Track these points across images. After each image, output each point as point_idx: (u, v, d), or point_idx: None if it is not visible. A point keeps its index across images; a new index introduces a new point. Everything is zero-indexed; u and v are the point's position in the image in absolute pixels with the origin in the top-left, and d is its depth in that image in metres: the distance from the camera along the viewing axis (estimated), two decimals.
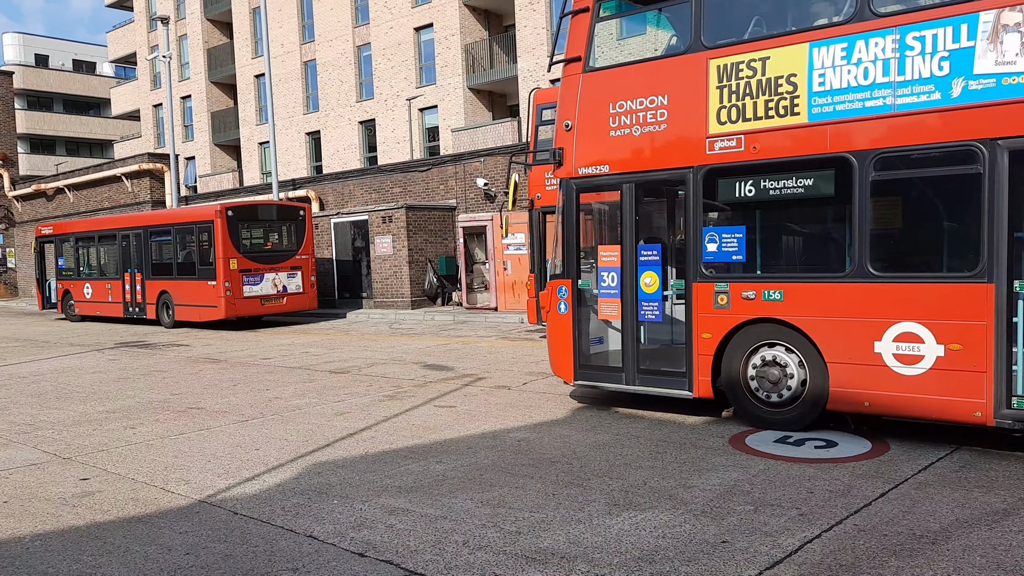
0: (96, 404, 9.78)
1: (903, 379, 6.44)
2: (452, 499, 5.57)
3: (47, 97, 60.55)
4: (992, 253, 6.03)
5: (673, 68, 7.63)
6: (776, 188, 7.04)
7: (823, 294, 6.86)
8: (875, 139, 6.52)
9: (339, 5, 34.88)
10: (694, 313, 7.53)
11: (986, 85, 6.07)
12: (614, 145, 7.92)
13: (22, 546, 4.97)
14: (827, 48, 6.74)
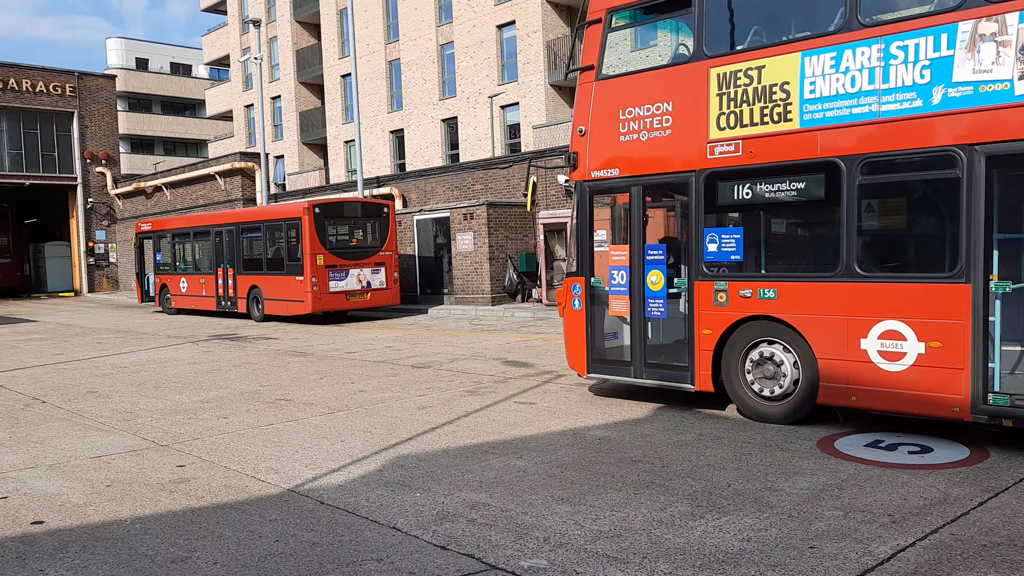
0: (191, 394, 10.18)
1: (887, 375, 6.69)
2: (533, 495, 5.59)
3: (147, 99, 63.27)
4: (969, 254, 6.24)
5: (677, 76, 8.00)
6: (771, 191, 7.37)
7: (813, 293, 7.14)
8: (862, 144, 6.77)
9: (423, 4, 35.33)
10: (696, 310, 7.88)
11: (964, 93, 6.28)
12: (624, 149, 8.26)
13: (123, 528, 5.21)
14: (817, 57, 7.01)
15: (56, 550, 4.84)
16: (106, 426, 8.37)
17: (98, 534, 5.10)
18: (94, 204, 37.50)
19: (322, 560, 4.56)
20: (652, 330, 8.50)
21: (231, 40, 47.55)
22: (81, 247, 37.63)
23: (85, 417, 8.87)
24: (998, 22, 6.09)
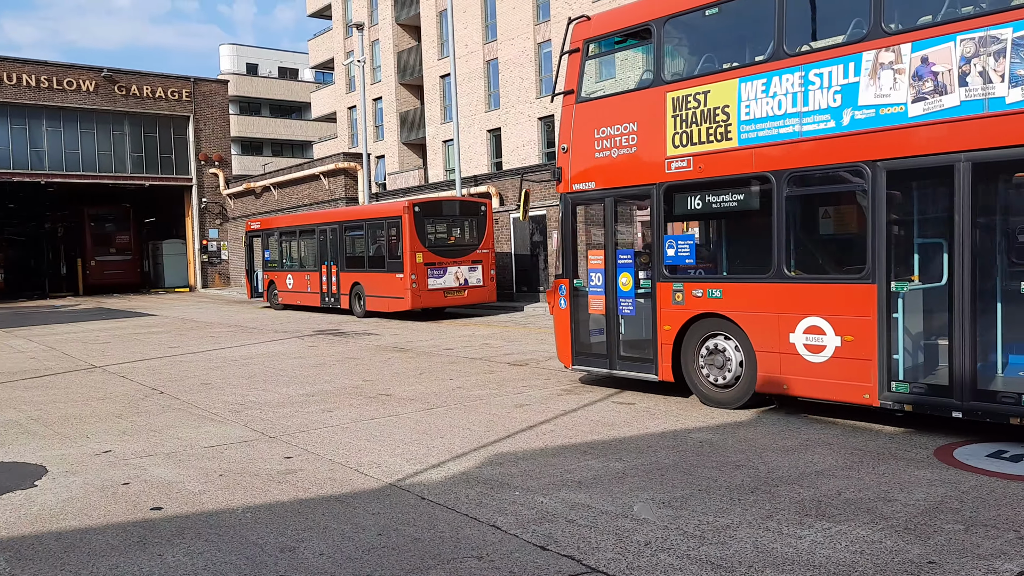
0: (297, 387, 10.51)
1: (811, 365, 7.51)
2: (633, 498, 5.51)
3: (256, 103, 65.79)
4: (874, 258, 7.00)
5: (641, 100, 8.89)
6: (717, 202, 8.28)
7: (751, 292, 8.03)
8: (788, 160, 7.58)
9: (521, 4, 35.45)
10: (658, 308, 8.82)
11: (868, 115, 7.05)
12: (599, 165, 9.25)
13: (235, 516, 5.41)
14: (751, 83, 7.84)
15: (173, 535, 5.07)
16: (219, 417, 8.73)
17: (212, 521, 5.31)
18: (207, 204, 39.24)
19: (423, 555, 4.62)
20: (625, 326, 9.32)
21: (335, 44, 48.91)
22: (195, 245, 39.44)
23: (199, 408, 9.27)
24: (894, 52, 6.87)
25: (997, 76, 6.34)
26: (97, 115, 36.44)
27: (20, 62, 34.60)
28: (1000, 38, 6.32)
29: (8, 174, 34.56)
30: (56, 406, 9.65)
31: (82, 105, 35.63)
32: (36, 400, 10.11)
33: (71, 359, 14.17)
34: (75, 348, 15.85)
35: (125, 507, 5.66)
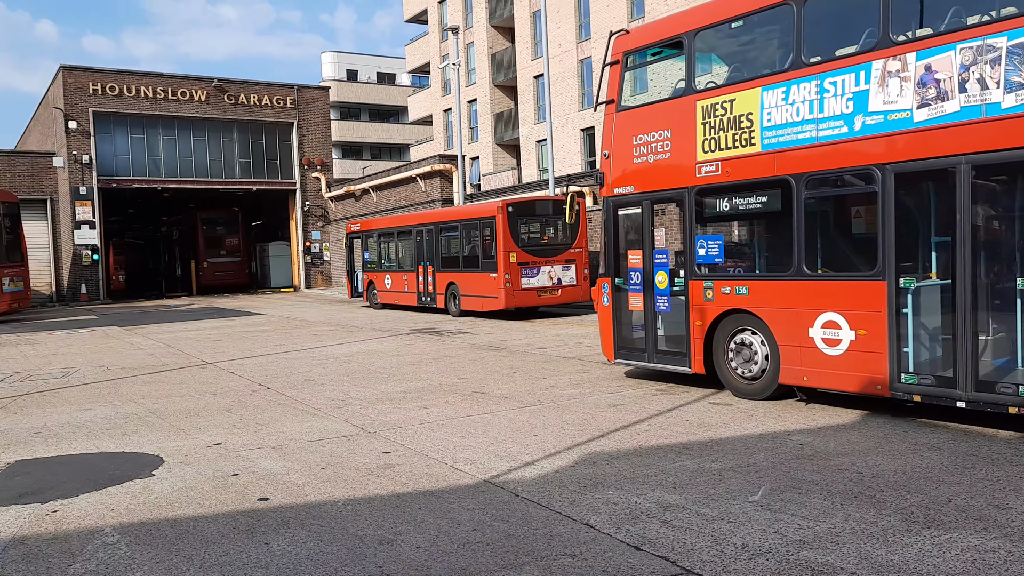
0: (395, 384, 10.76)
1: (829, 358, 7.93)
2: (730, 500, 5.42)
3: (355, 108, 67.58)
4: (885, 256, 7.39)
5: (674, 108, 9.38)
6: (743, 204, 8.78)
7: (774, 290, 8.48)
8: (806, 164, 8.02)
9: (615, 1, 35.22)
10: (691, 305, 9.32)
11: (877, 120, 7.44)
12: (637, 170, 9.79)
13: (336, 509, 5.60)
14: (772, 91, 8.30)
15: (279, 525, 5.28)
16: (321, 412, 9.03)
17: (314, 513, 5.51)
18: (310, 207, 40.57)
19: (517, 552, 4.67)
20: (661, 322, 9.85)
21: (431, 48, 49.73)
22: (299, 246, 40.84)
23: (303, 403, 9.62)
24: (901, 61, 7.23)
25: (993, 83, 6.70)
26: (208, 123, 38.20)
27: (139, 75, 36.61)
28: (996, 47, 6.68)
29: (128, 181, 36.61)
30: (172, 400, 10.18)
31: (194, 114, 37.41)
32: (154, 394, 10.70)
33: (185, 356, 14.91)
34: (189, 345, 16.66)
35: (234, 497, 5.93)
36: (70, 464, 7.18)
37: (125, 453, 7.47)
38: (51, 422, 9.08)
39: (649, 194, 9.75)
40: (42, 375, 13.06)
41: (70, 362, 14.60)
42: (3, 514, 5.72)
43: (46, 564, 4.76)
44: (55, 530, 5.36)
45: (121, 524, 5.43)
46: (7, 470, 7.01)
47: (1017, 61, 6.50)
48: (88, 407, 9.94)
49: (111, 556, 4.85)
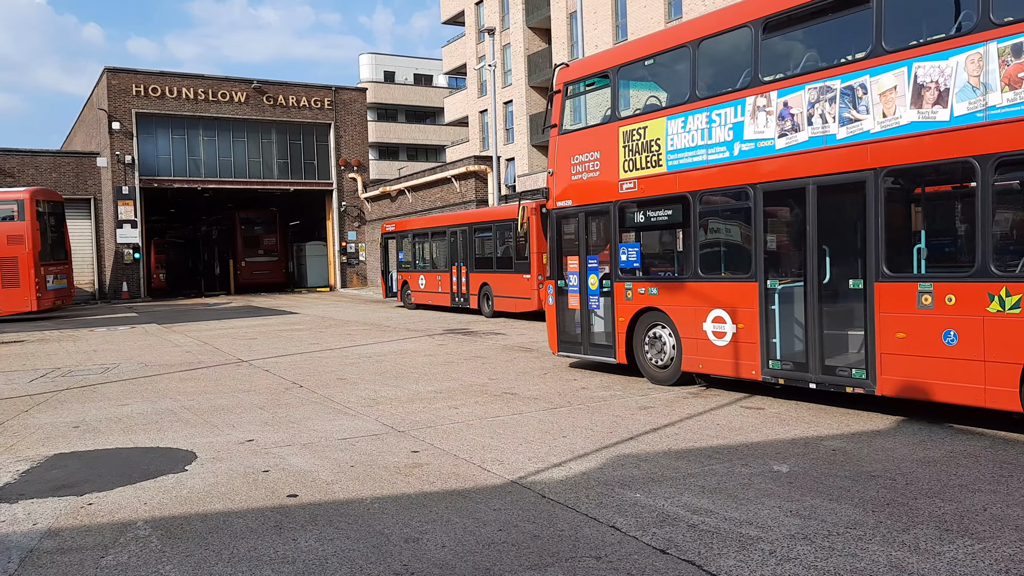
0: (426, 384, 10.80)
1: (717, 348, 9.31)
2: (759, 505, 5.35)
3: (392, 109, 68.06)
4: (756, 261, 8.76)
5: (602, 133, 10.75)
6: (654, 216, 10.11)
7: (677, 290, 9.86)
8: (700, 183, 9.40)
9: (652, 3, 35.02)
10: (615, 304, 10.70)
11: (749, 147, 8.78)
12: (574, 186, 11.23)
13: (363, 507, 5.63)
14: (674, 120, 9.68)
15: (307, 522, 5.33)
16: (352, 411, 9.10)
17: (342, 510, 5.55)
18: (347, 207, 40.92)
19: (542, 553, 4.66)
20: (594, 319, 11.19)
21: (467, 50, 49.90)
22: (335, 246, 41.22)
23: (335, 402, 9.70)
24: (767, 97, 8.60)
25: (831, 117, 8.02)
26: (247, 124, 38.73)
27: (180, 76, 37.24)
28: (832, 88, 8.01)
29: (169, 181, 37.25)
30: (206, 397, 10.34)
31: (234, 115, 37.96)
32: (189, 390, 10.86)
33: (221, 353, 15.12)
34: (225, 343, 16.90)
35: (264, 493, 6.00)
36: (106, 458, 7.31)
37: (159, 448, 7.60)
38: (89, 417, 9.26)
39: (583, 207, 11.14)
40: (82, 371, 13.34)
41: (110, 358, 14.89)
42: (40, 506, 5.85)
43: (79, 556, 4.86)
44: (89, 522, 5.47)
45: (153, 518, 5.51)
46: (45, 463, 7.16)
47: (847, 100, 7.86)
48: (125, 403, 10.12)
49: (142, 549, 4.93)
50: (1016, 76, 6.69)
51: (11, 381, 12.43)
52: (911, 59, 7.38)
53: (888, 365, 7.59)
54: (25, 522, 5.50)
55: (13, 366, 14.29)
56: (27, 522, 5.50)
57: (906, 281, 7.45)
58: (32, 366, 14.19)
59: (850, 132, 7.85)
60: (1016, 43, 6.67)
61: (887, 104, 7.58)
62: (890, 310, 7.55)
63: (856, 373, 7.89)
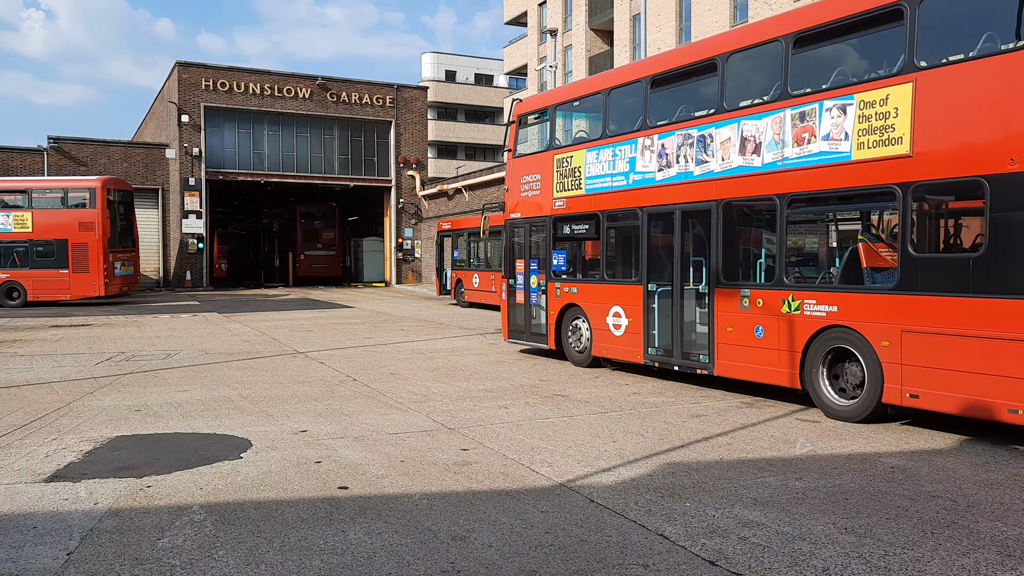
0: (477, 383, 10.84)
1: (616, 338, 11.47)
2: (812, 520, 5.24)
3: (452, 108, 68.51)
4: (640, 269, 10.96)
5: (542, 159, 13.03)
6: (577, 229, 12.36)
7: (590, 289, 12.11)
8: (607, 204, 11.55)
9: (718, 6, 34.60)
10: (548, 300, 12.97)
11: (639, 177, 10.91)
12: (522, 201, 13.54)
13: (412, 502, 5.67)
14: (591, 152, 11.87)
15: (356, 515, 5.39)
16: (403, 406, 9.18)
17: (391, 505, 5.60)
18: (404, 204, 41.32)
19: (589, 558, 4.63)
20: (534, 312, 13.45)
21: (529, 50, 49.93)
22: (392, 243, 41.64)
23: (387, 396, 9.80)
24: (652, 139, 10.71)
25: (691, 158, 10.14)
26: (311, 120, 39.37)
27: (248, 72, 38.05)
28: (692, 135, 10.15)
29: (234, 174, 38.09)
30: (263, 386, 10.54)
31: (298, 111, 38.63)
32: (246, 379, 11.09)
33: (278, 344, 15.41)
34: (282, 334, 17.22)
35: (316, 484, 6.09)
36: (165, 442, 7.51)
37: (216, 435, 7.77)
38: (151, 401, 9.52)
39: (528, 219, 13.40)
40: (145, 356, 13.72)
41: (171, 345, 15.29)
42: (101, 486, 6.04)
43: (137, 536, 4.99)
44: (147, 504, 5.62)
45: (208, 503, 5.64)
46: (108, 444, 7.39)
47: (701, 146, 9.98)
48: (185, 389, 10.38)
49: (197, 533, 5.05)
50: (801, 135, 8.76)
51: (78, 363, 12.85)
52: (740, 118, 9.51)
53: (721, 352, 9.79)
54: (87, 501, 5.68)
55: (80, 349, 14.78)
56: (88, 501, 5.68)
57: (734, 288, 9.64)
58: (98, 349, 14.65)
59: (702, 170, 10.00)
60: (802, 111, 8.76)
61: (724, 151, 9.71)
62: (723, 310, 9.73)
63: (703, 359, 10.05)
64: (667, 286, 10.63)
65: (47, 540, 4.94)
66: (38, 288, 26.39)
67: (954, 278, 7.38)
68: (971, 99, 7.30)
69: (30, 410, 9.04)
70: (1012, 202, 6.90)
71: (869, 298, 8.12)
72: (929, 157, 7.58)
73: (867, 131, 8.08)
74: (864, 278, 8.33)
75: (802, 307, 8.72)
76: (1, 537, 4.99)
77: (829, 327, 8.45)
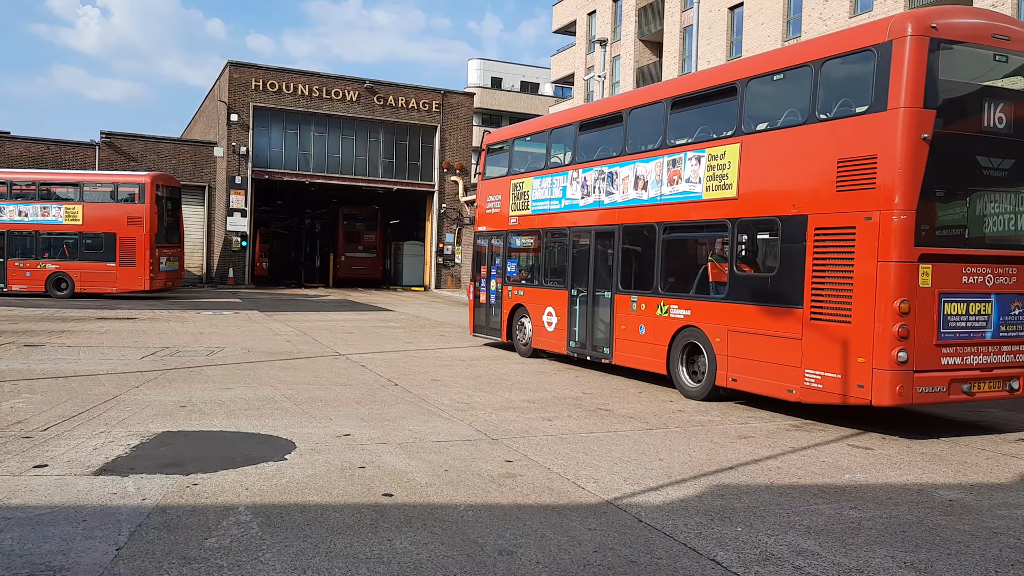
0: (519, 393, 10.76)
1: (549, 333, 13.93)
2: (869, 552, 5.07)
3: (497, 115, 68.61)
4: (567, 276, 13.55)
5: (501, 182, 15.60)
6: (525, 243, 15.11)
7: (532, 293, 14.52)
8: (547, 223, 14.07)
9: (771, 20, 34.25)
10: (503, 300, 15.38)
11: (568, 203, 13.50)
12: (487, 217, 16.07)
13: (457, 513, 5.61)
14: (536, 180, 14.42)
15: (402, 523, 5.34)
16: (445, 414, 9.13)
17: (436, 515, 5.54)
18: (446, 209, 41.42)
19: None
20: (493, 311, 15.82)
21: (577, 59, 49.88)
22: (432, 247, 41.74)
23: (428, 403, 9.76)
24: (578, 172, 13.20)
25: (603, 190, 12.56)
26: (357, 122, 39.66)
27: (297, 73, 38.48)
28: (605, 171, 12.53)
29: (280, 173, 38.51)
30: (305, 387, 10.57)
31: (345, 113, 38.94)
32: (289, 380, 11.14)
33: (320, 345, 15.48)
34: (323, 335, 17.31)
35: (360, 489, 6.05)
36: (210, 440, 7.55)
37: (260, 435, 7.79)
38: (195, 397, 9.59)
39: (491, 232, 15.95)
40: (189, 352, 13.87)
41: (215, 342, 15.44)
42: (149, 482, 6.06)
43: (184, 535, 4.99)
44: (194, 503, 5.62)
45: (254, 504, 5.63)
46: (155, 439, 7.44)
47: (610, 180, 12.41)
48: (229, 386, 10.45)
49: (244, 534, 5.03)
50: (672, 177, 11.16)
51: (124, 357, 13.02)
52: (635, 160, 11.97)
53: (618, 346, 12.26)
54: (135, 496, 5.71)
55: (126, 342, 14.99)
56: (136, 496, 5.70)
57: (627, 294, 12.12)
58: (143, 343, 14.85)
59: (610, 200, 12.46)
60: (674, 158, 11.16)
61: (625, 185, 12.13)
62: (620, 311, 12.22)
63: (606, 351, 12.49)
64: (583, 292, 13.09)
65: (96, 534, 4.95)
66: (85, 280, 26.88)
67: (759, 292, 9.82)
68: (773, 158, 9.75)
69: (78, 401, 9.16)
70: (793, 237, 9.26)
71: (710, 305, 10.57)
72: (748, 200, 10.01)
73: (712, 177, 10.54)
74: (709, 289, 10.70)
75: (669, 311, 11.23)
76: (52, 528, 5.02)
77: (686, 327, 10.92)
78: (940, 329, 8.43)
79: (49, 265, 26.94)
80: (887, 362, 8.18)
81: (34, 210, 27.09)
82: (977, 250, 8.69)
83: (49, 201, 27.32)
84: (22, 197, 27.36)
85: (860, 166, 8.58)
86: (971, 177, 8.69)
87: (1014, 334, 8.87)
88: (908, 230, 8.20)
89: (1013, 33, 8.93)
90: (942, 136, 8.36)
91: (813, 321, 8.92)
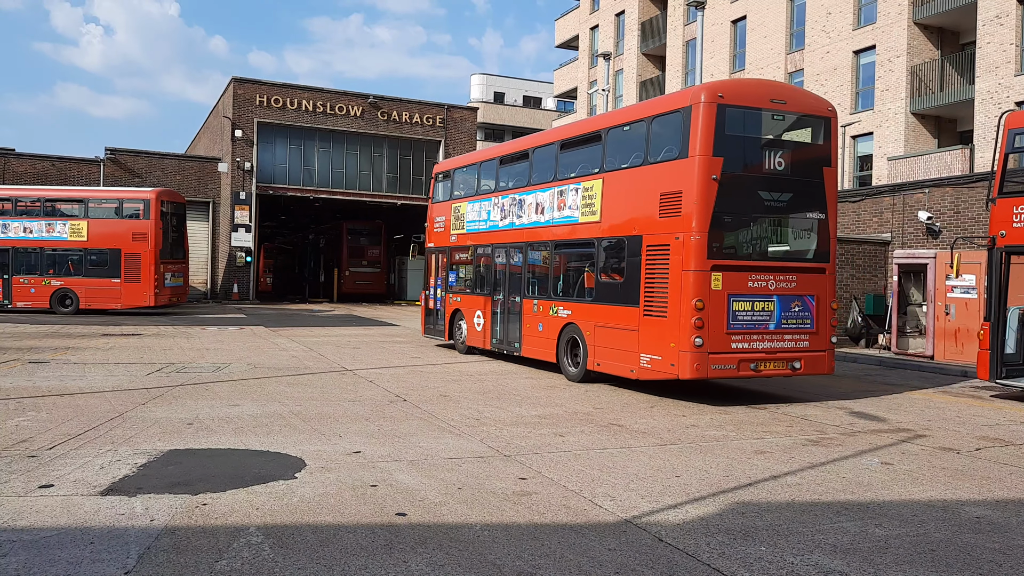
0: (529, 408, 10.62)
1: (478, 333, 16.57)
2: (899, 572, 4.92)
3: (500, 129, 68.72)
4: (491, 284, 16.19)
5: (446, 205, 18.28)
6: (461, 257, 17.58)
7: (468, 299, 17.13)
8: (479, 240, 16.71)
9: (774, 33, 34.28)
10: (446, 306, 18.10)
11: (492, 224, 16.13)
12: (435, 235, 18.77)
13: (473, 533, 5.47)
14: (470, 204, 17.18)
15: (416, 544, 5.20)
16: (456, 430, 8.99)
17: (452, 535, 5.40)
18: None
19: None
20: (438, 315, 18.48)
21: (579, 74, 49.97)
22: None
23: (438, 419, 9.62)
24: (497, 198, 15.97)
25: (515, 214, 15.27)
26: (361, 138, 39.72)
27: (301, 89, 38.55)
28: (516, 198, 15.27)
29: (284, 188, 38.52)
30: (313, 403, 10.44)
31: (349, 128, 39.00)
32: (296, 396, 11.01)
33: (326, 360, 15.35)
34: (330, 351, 17.18)
35: (373, 509, 5.92)
36: (219, 458, 7.41)
37: (269, 452, 7.65)
38: (202, 414, 9.47)
39: (438, 248, 18.56)
40: (195, 368, 13.75)
41: (221, 357, 15.32)
42: (157, 502, 5.93)
43: (195, 557, 4.86)
44: (203, 523, 5.49)
45: (265, 524, 5.50)
46: (162, 458, 7.31)
47: (519, 205, 15.08)
48: (236, 403, 10.32)
49: (255, 556, 4.89)
50: (560, 204, 13.86)
51: (130, 373, 12.91)
52: (536, 190, 14.67)
53: (524, 341, 14.91)
54: (143, 517, 5.58)
55: (132, 359, 14.88)
56: (145, 517, 5.57)
57: (530, 298, 14.77)
58: (149, 359, 14.74)
59: (520, 222, 15.08)
60: (561, 189, 13.88)
61: (529, 210, 14.81)
62: (526, 313, 14.85)
63: (516, 346, 15.14)
64: (502, 298, 15.68)
65: (104, 557, 4.82)
66: (90, 296, 26.82)
67: (614, 295, 12.42)
68: (623, 191, 12.35)
69: (84, 419, 9.04)
70: (634, 252, 11.89)
71: (584, 306, 13.17)
72: (608, 223, 12.67)
73: (584, 205, 13.25)
74: (585, 294, 13.22)
75: (558, 311, 13.84)
76: (59, 552, 4.89)
77: (569, 323, 13.54)
78: (730, 321, 10.96)
79: (54, 281, 26.89)
80: (688, 346, 10.78)
81: (39, 226, 27.07)
82: (760, 262, 11.30)
83: (54, 217, 27.30)
84: (27, 214, 27.35)
85: (672, 199, 11.21)
86: (755, 207, 11.32)
87: (794, 326, 11.42)
88: (702, 247, 10.83)
89: (789, 96, 11.86)
90: (729, 176, 10.94)
91: (645, 316, 11.59)
